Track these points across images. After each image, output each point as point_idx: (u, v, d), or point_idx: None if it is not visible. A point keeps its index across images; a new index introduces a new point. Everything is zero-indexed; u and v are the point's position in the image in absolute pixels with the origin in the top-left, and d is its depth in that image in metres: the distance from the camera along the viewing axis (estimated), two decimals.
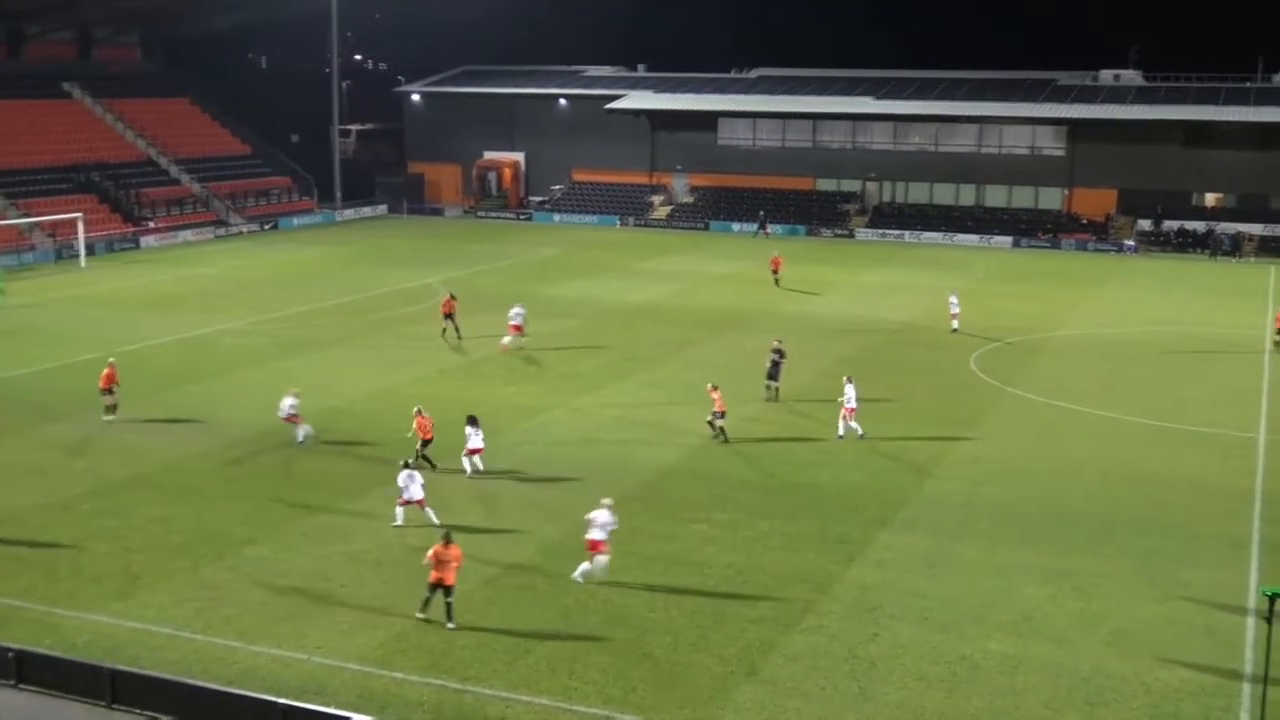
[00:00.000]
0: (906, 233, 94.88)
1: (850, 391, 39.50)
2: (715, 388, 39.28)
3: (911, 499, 34.06)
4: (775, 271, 70.32)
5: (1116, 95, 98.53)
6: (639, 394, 45.23)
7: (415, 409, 36.27)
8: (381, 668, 23.78)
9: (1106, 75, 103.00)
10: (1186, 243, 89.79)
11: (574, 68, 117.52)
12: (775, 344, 45.56)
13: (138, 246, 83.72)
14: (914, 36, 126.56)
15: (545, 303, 63.61)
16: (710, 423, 38.97)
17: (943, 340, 55.03)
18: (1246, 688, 23.35)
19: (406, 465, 31.74)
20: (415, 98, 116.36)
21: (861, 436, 39.15)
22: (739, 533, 31.10)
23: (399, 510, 31.03)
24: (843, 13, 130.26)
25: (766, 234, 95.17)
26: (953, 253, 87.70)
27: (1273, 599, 20.41)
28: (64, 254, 77.72)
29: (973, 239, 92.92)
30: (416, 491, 30.91)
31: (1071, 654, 24.80)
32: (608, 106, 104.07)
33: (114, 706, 22.17)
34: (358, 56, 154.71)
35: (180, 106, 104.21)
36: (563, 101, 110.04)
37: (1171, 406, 44.11)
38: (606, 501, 28.17)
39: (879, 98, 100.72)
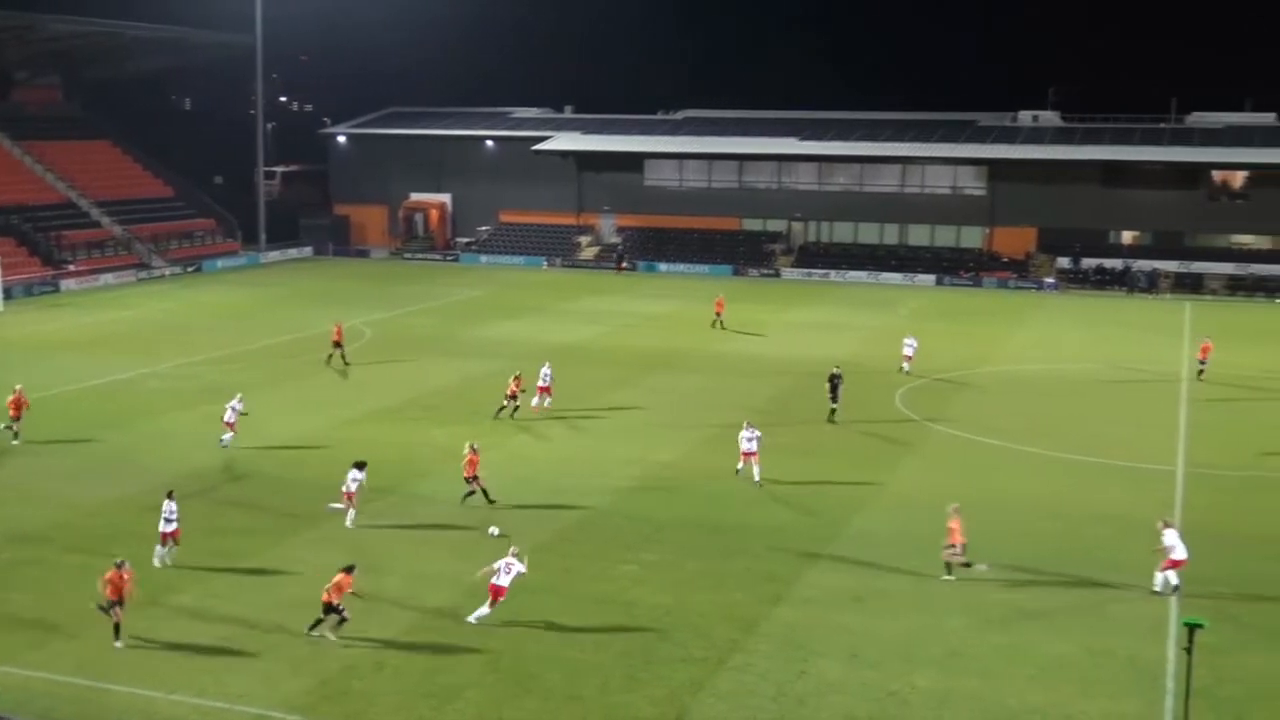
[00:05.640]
0: (832, 272, 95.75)
1: (746, 435, 39.09)
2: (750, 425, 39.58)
3: (839, 536, 34.25)
4: (719, 313, 70.39)
5: (1035, 136, 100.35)
6: (569, 435, 45.19)
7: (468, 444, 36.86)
8: (305, 716, 23.47)
9: (1025, 116, 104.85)
10: (1105, 280, 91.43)
11: (501, 109, 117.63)
12: (833, 370, 48.31)
13: (57, 290, 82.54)
14: (838, 79, 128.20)
15: (473, 344, 63.58)
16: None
17: (869, 378, 55.47)
18: (1168, 718, 23.67)
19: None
20: (340, 139, 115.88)
21: (740, 471, 39.08)
22: (668, 573, 31.10)
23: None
24: (769, 56, 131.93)
25: (621, 269, 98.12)
26: (878, 291, 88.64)
27: (1192, 630, 20.73)
28: None
29: (897, 277, 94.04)
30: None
31: (997, 688, 25.01)
32: (534, 148, 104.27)
33: None
34: (283, 98, 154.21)
35: (101, 149, 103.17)
36: (489, 143, 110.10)
37: (1093, 441, 44.77)
38: (514, 549, 28.24)
39: (803, 139, 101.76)
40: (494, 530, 33.80)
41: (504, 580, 27.52)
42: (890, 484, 39.26)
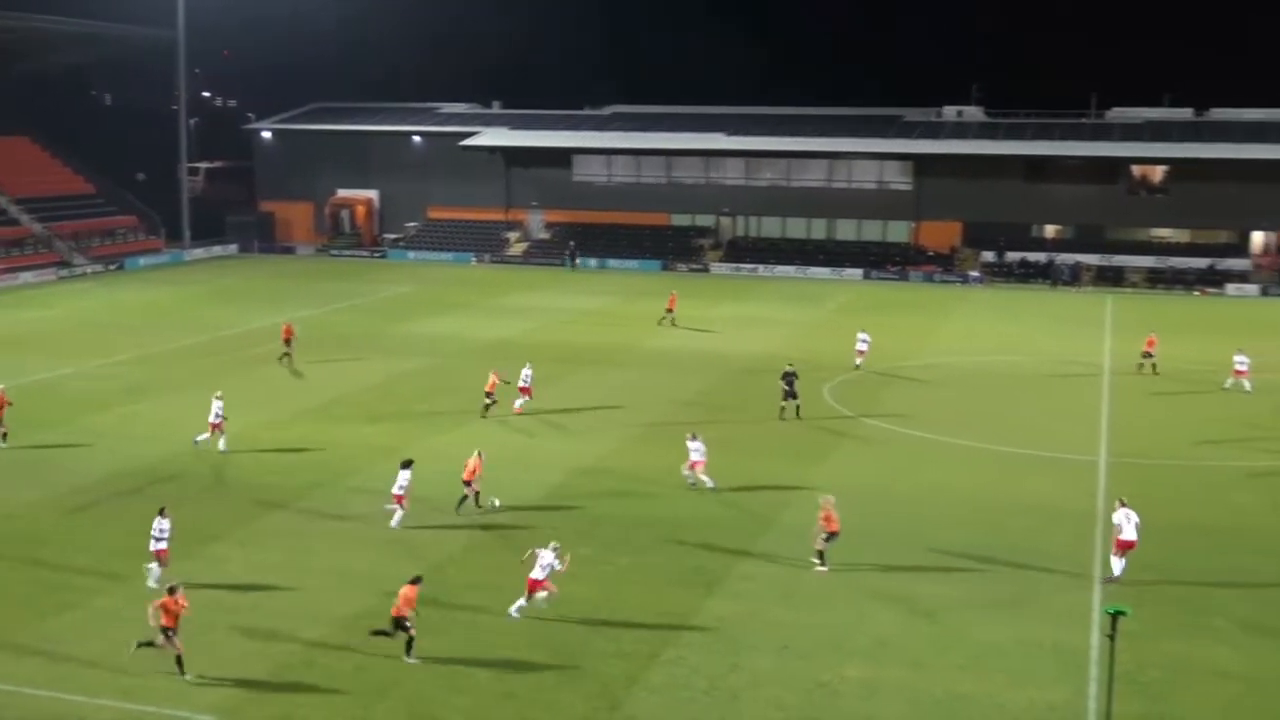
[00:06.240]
0: (760, 266, 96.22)
1: (694, 445, 38.04)
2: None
3: (768, 529, 34.44)
4: (670, 310, 69.92)
5: (960, 131, 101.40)
6: (498, 431, 45.03)
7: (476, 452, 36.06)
8: (233, 718, 23.23)
9: (950, 111, 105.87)
10: (1028, 273, 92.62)
11: (428, 105, 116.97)
12: (787, 368, 47.99)
13: None
14: (765, 74, 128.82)
15: (402, 341, 63.23)
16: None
17: (797, 372, 55.77)
18: (1092, 704, 24.07)
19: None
20: (265, 135, 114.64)
21: (713, 488, 37.60)
22: (600, 567, 31.12)
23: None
24: (696, 51, 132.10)
25: (575, 266, 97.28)
26: (806, 285, 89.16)
27: (1115, 617, 21.07)
28: None
29: (825, 272, 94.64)
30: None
31: (926, 678, 25.29)
32: (462, 143, 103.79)
33: None
34: (206, 93, 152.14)
35: (19, 145, 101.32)
36: (416, 139, 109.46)
37: (1019, 433, 45.36)
38: (554, 544, 28.30)
39: (731, 134, 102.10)
40: (495, 501, 35.14)
41: (538, 574, 27.55)
42: (820, 477, 39.43)
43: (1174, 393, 53.19)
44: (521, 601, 27.75)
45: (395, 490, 33.96)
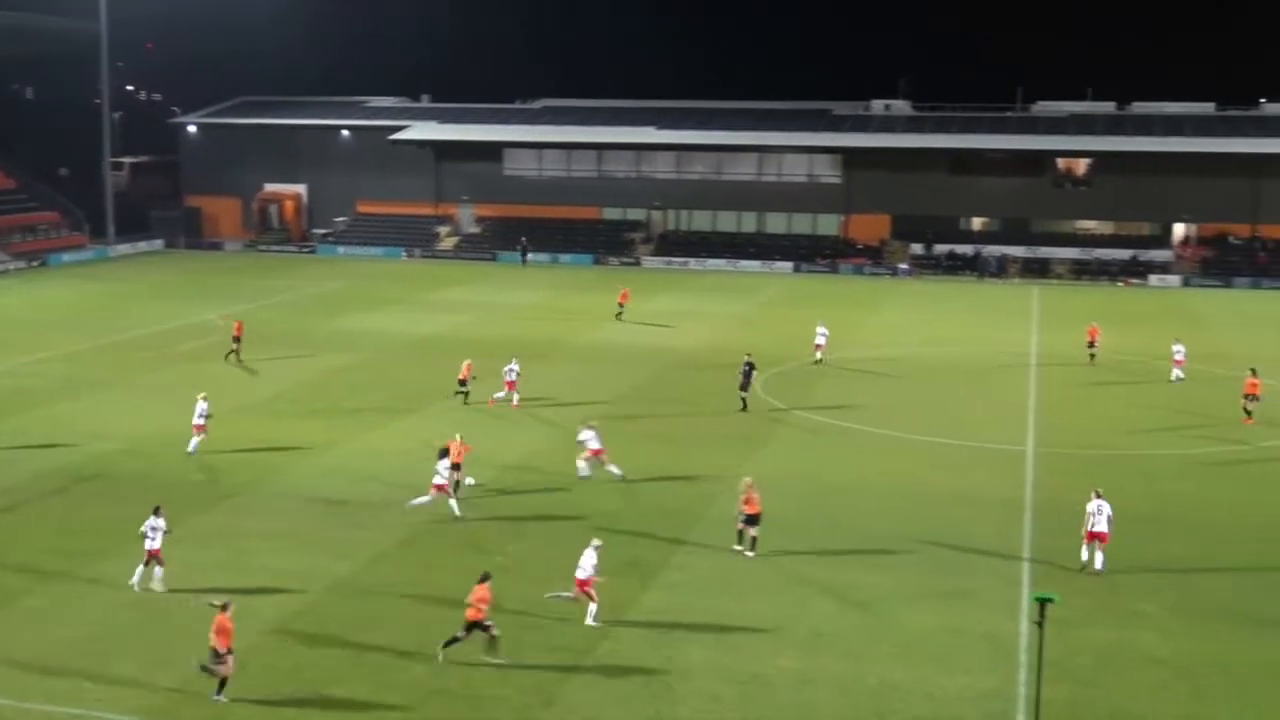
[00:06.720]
0: (691, 260, 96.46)
1: (587, 434, 38.46)
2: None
3: (702, 520, 34.58)
4: (622, 304, 69.67)
5: (888, 125, 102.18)
6: (430, 427, 44.77)
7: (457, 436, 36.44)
8: None
9: (878, 105, 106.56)
10: (956, 265, 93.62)
11: (356, 98, 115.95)
12: (746, 358, 48.84)
13: None
14: (695, 68, 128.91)
15: (332, 337, 62.73)
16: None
17: (730, 364, 55.94)
18: (1022, 690, 24.43)
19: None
20: (191, 129, 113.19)
21: (620, 476, 37.91)
22: (533, 562, 31.12)
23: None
24: (627, 44, 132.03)
25: (526, 262, 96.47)
26: (737, 279, 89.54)
27: (1043, 604, 21.36)
28: None
29: (755, 265, 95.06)
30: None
31: (858, 667, 25.55)
32: (391, 138, 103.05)
33: None
34: (130, 87, 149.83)
35: None
36: (345, 133, 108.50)
37: (948, 423, 45.85)
38: (596, 542, 28.16)
39: (661, 128, 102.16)
40: (470, 480, 36.19)
41: (587, 573, 27.50)
42: (753, 469, 39.55)
43: (1103, 382, 54.02)
44: (593, 607, 27.42)
45: (436, 481, 34.17)
